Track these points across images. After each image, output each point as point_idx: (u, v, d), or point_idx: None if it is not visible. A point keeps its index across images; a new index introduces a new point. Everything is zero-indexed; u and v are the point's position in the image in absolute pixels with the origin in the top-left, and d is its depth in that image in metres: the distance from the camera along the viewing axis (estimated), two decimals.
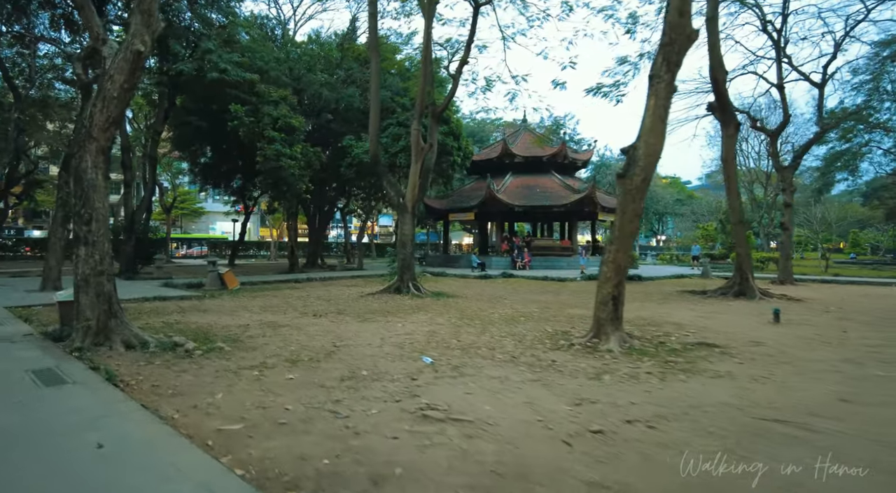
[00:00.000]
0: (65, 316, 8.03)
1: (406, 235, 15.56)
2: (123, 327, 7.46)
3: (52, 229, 15.47)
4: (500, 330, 9.09)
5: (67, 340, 7.41)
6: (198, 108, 23.96)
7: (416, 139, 15.44)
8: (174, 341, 7.28)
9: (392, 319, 10.52)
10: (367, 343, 7.83)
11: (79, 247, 7.42)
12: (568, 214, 29.99)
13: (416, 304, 13.18)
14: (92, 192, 7.50)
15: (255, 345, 7.66)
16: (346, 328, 9.29)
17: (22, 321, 9.61)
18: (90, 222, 7.43)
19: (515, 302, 13.72)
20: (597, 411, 4.65)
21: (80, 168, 7.50)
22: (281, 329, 9.16)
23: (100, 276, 7.42)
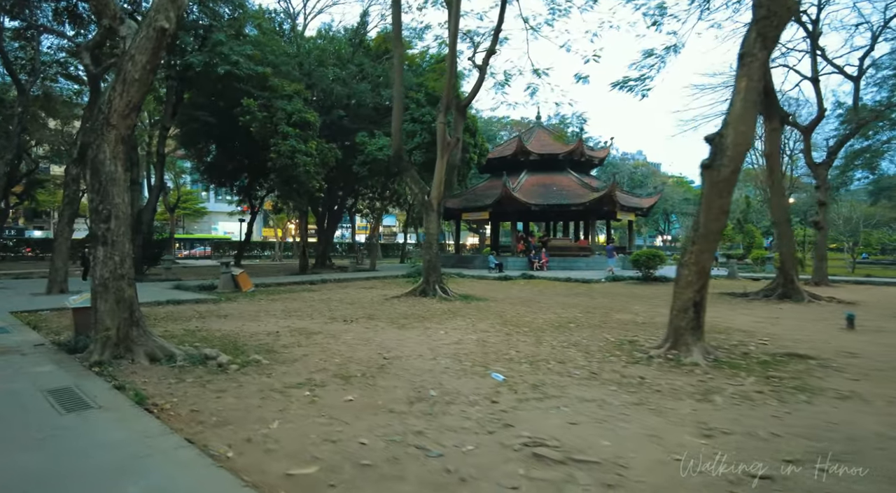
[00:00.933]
0: (80, 324, 7.20)
1: (432, 235, 14.74)
2: (146, 337, 6.64)
3: (59, 229, 14.64)
4: (556, 339, 8.27)
5: (84, 352, 6.58)
6: (206, 104, 23.16)
7: (443, 134, 14.62)
8: (204, 354, 6.45)
9: (430, 325, 9.70)
10: (418, 355, 7.01)
11: (96, 247, 6.60)
12: (586, 214, 29.16)
13: (447, 308, 12.36)
14: (111, 185, 6.68)
15: (293, 357, 6.84)
16: (385, 336, 8.48)
17: (30, 329, 8.79)
18: (109, 220, 6.61)
19: (552, 306, 12.91)
20: (737, 445, 3.83)
21: (98, 159, 6.69)
22: (315, 337, 8.34)
23: (120, 280, 6.60)
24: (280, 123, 18.76)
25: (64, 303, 11.58)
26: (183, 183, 54.05)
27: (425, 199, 14.84)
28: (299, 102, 19.70)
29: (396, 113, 14.94)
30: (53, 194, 48.40)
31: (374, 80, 27.67)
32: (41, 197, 46.12)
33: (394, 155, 15.15)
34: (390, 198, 36.93)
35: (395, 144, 15.03)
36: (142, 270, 21.21)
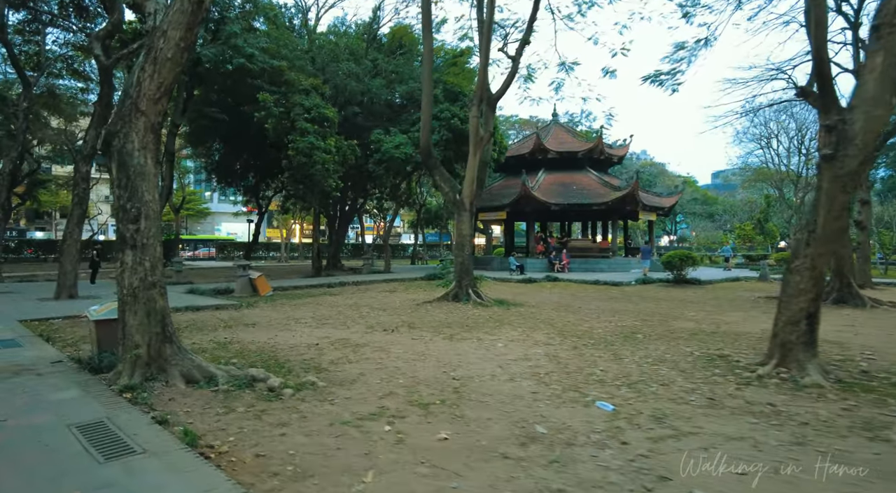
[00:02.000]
0: (103, 339, 6.32)
1: (464, 236, 13.86)
2: (182, 355, 5.75)
3: (68, 230, 13.78)
4: (634, 354, 7.39)
5: (111, 372, 5.70)
6: (215, 101, 22.29)
7: (476, 128, 13.73)
8: (250, 375, 5.56)
9: (481, 335, 8.82)
10: (490, 374, 6.12)
11: (124, 251, 5.72)
12: (607, 213, 28.26)
13: (487, 315, 11.48)
14: (139, 180, 5.81)
15: (349, 376, 5.96)
16: (437, 349, 7.60)
17: (43, 341, 7.91)
18: (138, 220, 5.74)
19: (598, 312, 12.04)
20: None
21: (125, 151, 5.81)
22: (362, 351, 7.46)
23: (151, 288, 5.72)
24: (298, 118, 17.87)
25: (81, 312, 10.72)
26: (187, 183, 53.19)
27: (457, 198, 13.96)
28: (317, 97, 18.82)
29: (426, 105, 14.06)
30: (55, 195, 47.62)
31: (387, 75, 26.80)
32: (43, 197, 45.30)
33: (423, 151, 14.26)
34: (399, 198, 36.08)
35: (423, 139, 14.15)
36: None
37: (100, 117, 13.76)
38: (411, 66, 28.19)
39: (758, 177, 50.59)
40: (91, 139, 13.78)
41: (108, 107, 13.83)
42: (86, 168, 13.75)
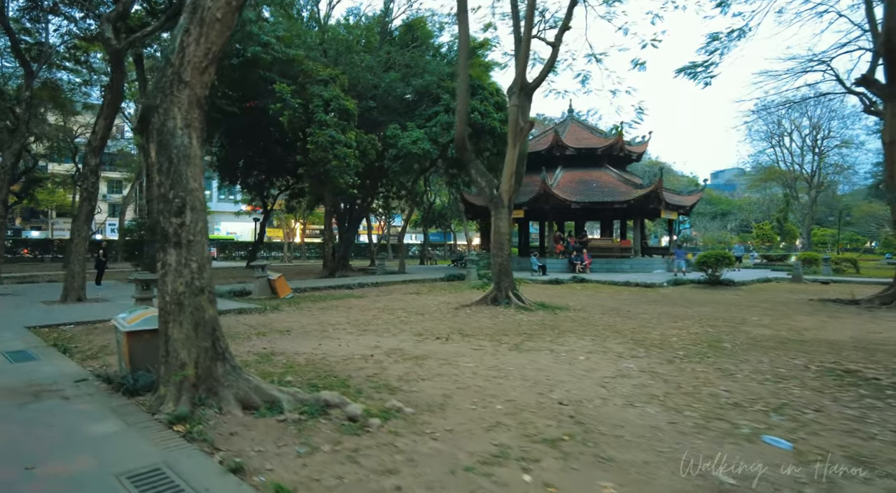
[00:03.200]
0: (137, 354, 5.33)
1: (503, 235, 12.91)
2: (236, 374, 4.78)
3: (75, 228, 12.77)
4: (737, 367, 6.48)
5: (152, 396, 4.73)
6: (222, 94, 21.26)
7: (515, 118, 12.80)
8: (322, 400, 4.59)
9: (550, 345, 7.89)
10: (598, 397, 5.18)
11: (165, 250, 4.74)
12: (629, 212, 27.36)
13: (538, 320, 10.55)
14: (184, 165, 4.84)
15: (431, 398, 5.01)
16: (512, 363, 6.66)
17: (59, 352, 6.91)
18: (183, 212, 4.77)
19: (653, 317, 11.14)
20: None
21: (166, 129, 4.84)
22: (426, 364, 6.52)
23: (198, 294, 4.76)
24: (317, 110, 16.87)
25: (95, 317, 9.74)
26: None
27: (494, 193, 13.02)
28: (336, 89, 17.81)
29: (462, 94, 13.09)
30: (52, 194, 46.39)
31: (401, 69, 25.81)
32: (40, 196, 44.13)
33: (458, 143, 13.30)
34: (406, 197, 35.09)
35: (459, 131, 13.19)
36: None
37: (110, 105, 12.74)
38: (425, 60, 27.24)
39: (768, 176, 49.89)
40: (100, 129, 12.76)
41: (119, 94, 12.83)
42: (94, 161, 12.73)
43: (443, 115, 23.72)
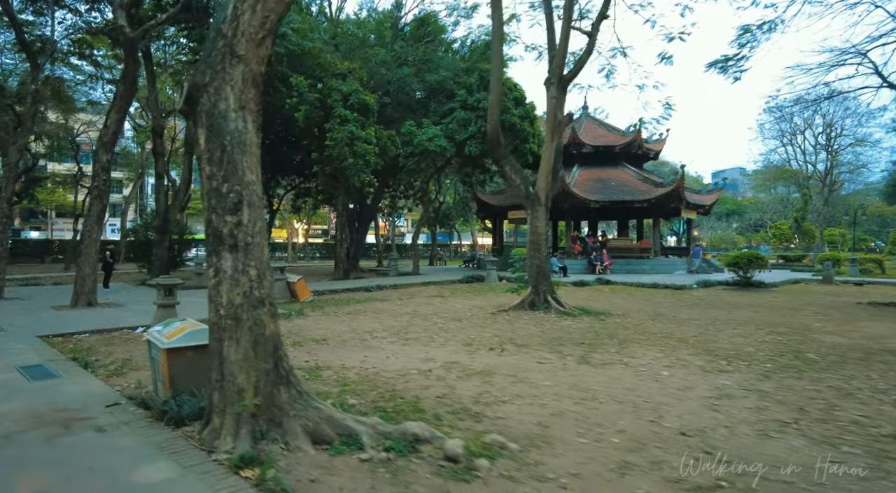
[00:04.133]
0: (179, 375, 4.58)
1: (539, 235, 12.20)
2: (304, 401, 4.04)
3: (86, 228, 12.01)
4: (847, 383, 5.74)
5: (204, 427, 3.98)
6: None
7: (554, 111, 12.08)
8: (410, 433, 3.85)
9: (619, 357, 7.18)
10: (719, 424, 4.45)
11: (219, 254, 4.00)
12: (649, 211, 26.64)
13: (587, 327, 9.82)
14: (239, 153, 4.10)
15: (526, 428, 4.28)
16: (591, 380, 5.94)
17: (79, 367, 6.16)
18: (239, 209, 4.02)
19: (708, 323, 10.45)
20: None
21: (217, 112, 4.10)
22: (494, 381, 5.80)
23: (258, 307, 4.02)
24: (336, 105, 16.10)
25: (110, 324, 8.99)
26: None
27: (530, 191, 12.29)
28: (355, 82, 17.04)
29: (495, 87, 12.35)
30: (52, 193, 45.54)
31: (415, 65, 25.07)
32: (40, 196, 43.31)
33: (491, 139, 12.56)
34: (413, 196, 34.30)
35: (491, 125, 12.44)
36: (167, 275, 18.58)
37: (122, 98, 12.00)
38: (439, 55, 26.52)
39: (779, 175, 49.22)
40: (112, 124, 12.01)
41: (133, 86, 12.09)
42: (106, 157, 11.99)
43: (459, 111, 23.00)
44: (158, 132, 18.55)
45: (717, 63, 18.52)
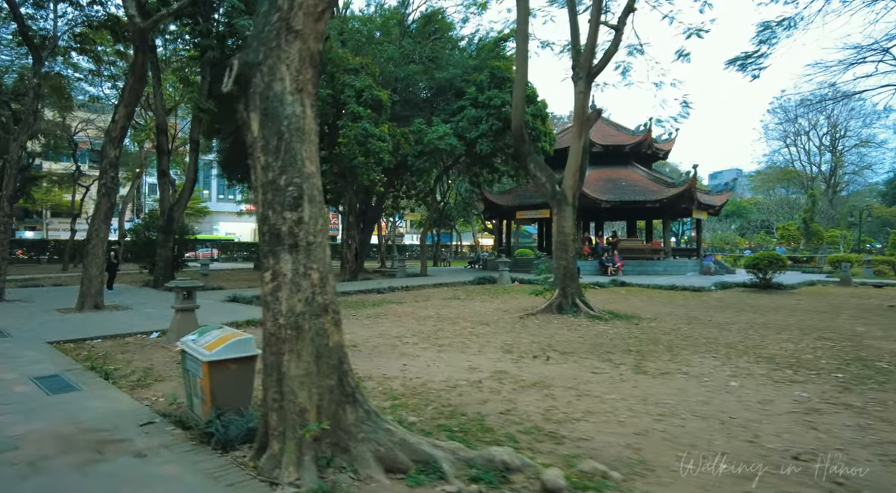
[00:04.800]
0: (221, 391, 4.08)
1: (567, 235, 11.73)
2: (372, 424, 3.56)
3: (93, 228, 11.47)
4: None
5: (261, 453, 3.49)
6: None
7: (582, 106, 11.64)
8: (499, 460, 3.37)
9: (679, 367, 6.73)
10: (831, 447, 4.00)
11: (277, 256, 3.53)
12: (661, 211, 26.25)
13: (624, 332, 9.38)
14: (297, 141, 3.62)
15: (621, 453, 3.83)
16: (659, 392, 5.50)
17: (99, 377, 5.65)
18: (299, 204, 3.55)
19: (748, 327, 10.03)
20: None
21: (272, 94, 3.62)
22: (554, 393, 5.34)
23: (321, 315, 3.55)
24: (349, 101, 15.60)
25: (121, 329, 8.46)
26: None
27: (556, 189, 11.84)
28: (367, 78, 16.55)
29: (519, 80, 11.89)
30: (49, 192, 44.76)
31: (423, 62, 24.60)
32: (36, 195, 42.57)
33: (515, 134, 12.10)
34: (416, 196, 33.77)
35: (516, 121, 11.98)
36: (173, 277, 18.03)
37: (131, 91, 11.49)
38: (446, 52, 26.08)
39: (782, 175, 49.05)
40: (121, 118, 11.49)
41: (142, 78, 11.57)
42: (114, 153, 11.46)
43: (469, 109, 22.54)
44: (163, 129, 17.98)
45: (737, 60, 18.17)
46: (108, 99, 30.32)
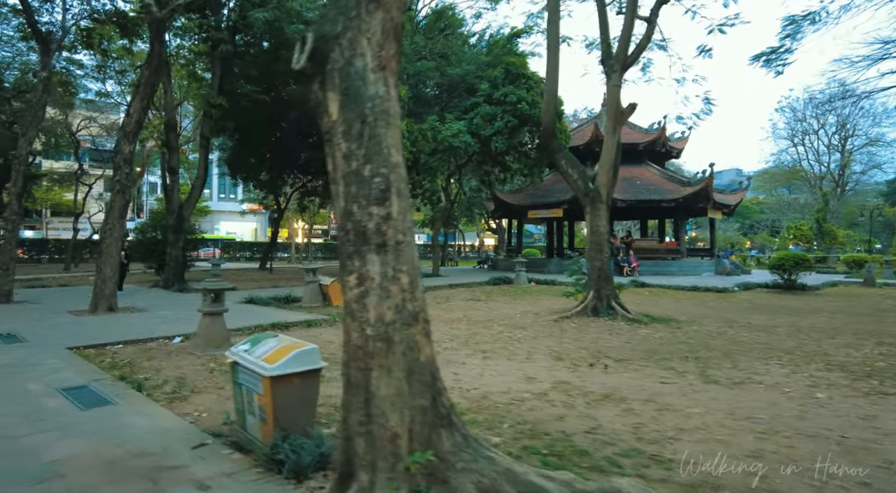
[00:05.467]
0: (285, 410, 3.62)
1: (601, 235, 11.30)
2: (472, 451, 3.11)
3: (107, 226, 10.99)
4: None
5: (347, 487, 3.01)
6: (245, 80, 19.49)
7: (616, 100, 11.18)
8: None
9: (749, 375, 6.29)
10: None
11: (363, 257, 3.07)
12: (676, 211, 25.83)
13: (671, 337, 8.94)
14: (382, 126, 3.16)
15: (747, 484, 3.36)
16: (744, 406, 5.07)
17: (132, 389, 5.19)
18: (387, 197, 3.09)
19: (796, 331, 9.57)
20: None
21: (353, 70, 3.16)
22: (631, 407, 4.89)
23: (411, 325, 3.10)
24: None
25: (140, 333, 7.97)
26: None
27: (589, 187, 11.39)
28: None
29: (551, 72, 11.43)
30: (49, 192, 44.11)
31: (434, 58, 24.16)
32: (37, 194, 41.97)
33: (545, 130, 11.66)
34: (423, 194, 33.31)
35: (547, 116, 11.53)
36: (183, 277, 17.56)
37: (147, 83, 11.01)
38: (459, 49, 25.66)
39: (790, 175, 48.70)
40: (136, 112, 11.01)
41: (159, 70, 11.10)
42: (129, 148, 10.99)
43: (484, 106, 22.12)
44: (172, 126, 17.48)
45: (762, 56, 17.74)
46: (113, 96, 29.83)
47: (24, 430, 3.99)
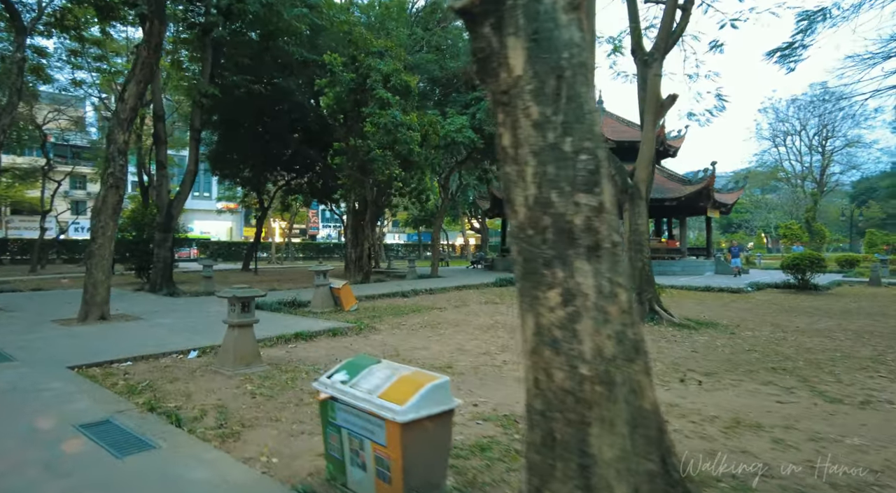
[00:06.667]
0: (417, 463, 2.73)
1: (641, 233, 10.63)
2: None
3: (99, 225, 9.79)
4: None
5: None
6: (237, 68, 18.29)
7: (656, 91, 10.53)
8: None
9: (853, 390, 5.65)
10: None
11: (569, 262, 2.22)
12: (677, 210, 25.52)
13: (729, 343, 8.30)
14: (582, 84, 2.34)
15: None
16: (881, 430, 4.33)
17: (168, 423, 4.21)
18: (596, 183, 2.27)
19: (850, 335, 9.07)
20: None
21: (541, 8, 2.31)
22: (775, 435, 4.13)
23: (633, 359, 2.23)
24: (376, 86, 14.13)
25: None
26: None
27: (628, 183, 10.71)
28: (393, 62, 15.10)
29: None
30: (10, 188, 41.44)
31: (433, 51, 23.28)
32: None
33: None
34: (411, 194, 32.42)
35: None
36: (171, 279, 16.28)
37: (144, 65, 9.84)
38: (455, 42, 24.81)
39: (772, 175, 49.44)
40: (131, 97, 9.84)
41: (157, 50, 9.98)
42: (123, 137, 9.81)
43: (486, 100, 21.28)
44: (160, 116, 16.15)
45: (778, 51, 17.43)
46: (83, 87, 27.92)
47: (51, 490, 3.00)
